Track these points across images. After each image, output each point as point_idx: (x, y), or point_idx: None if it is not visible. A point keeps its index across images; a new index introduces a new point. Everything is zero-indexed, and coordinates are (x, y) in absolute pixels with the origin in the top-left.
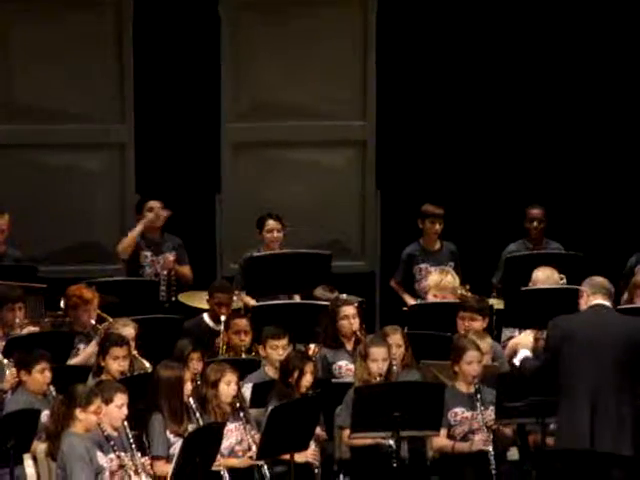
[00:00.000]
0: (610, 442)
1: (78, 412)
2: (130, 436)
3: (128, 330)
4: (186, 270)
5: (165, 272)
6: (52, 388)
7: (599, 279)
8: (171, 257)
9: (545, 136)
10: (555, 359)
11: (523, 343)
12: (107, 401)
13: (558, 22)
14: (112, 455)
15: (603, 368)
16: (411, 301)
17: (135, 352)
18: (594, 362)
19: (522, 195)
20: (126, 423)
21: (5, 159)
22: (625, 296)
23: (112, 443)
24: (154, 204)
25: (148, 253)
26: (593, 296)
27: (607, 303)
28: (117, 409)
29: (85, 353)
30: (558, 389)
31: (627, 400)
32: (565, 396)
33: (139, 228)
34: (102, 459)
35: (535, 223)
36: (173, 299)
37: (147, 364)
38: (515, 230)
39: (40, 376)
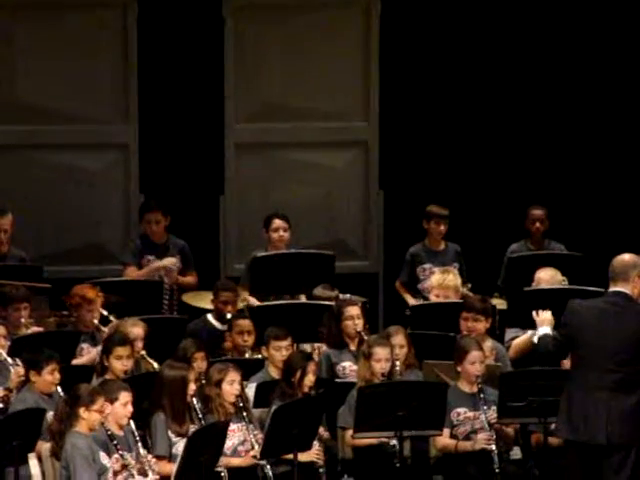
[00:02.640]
0: (622, 434)
1: (82, 411)
2: (136, 434)
3: (137, 330)
4: (191, 278)
5: (167, 286)
6: (59, 389)
7: (616, 261)
8: (174, 260)
9: (547, 136)
10: (569, 343)
11: (546, 320)
12: (112, 400)
13: (558, 26)
14: (116, 455)
15: (616, 359)
16: (412, 301)
17: (143, 352)
18: (606, 354)
19: (525, 195)
20: (132, 421)
21: (9, 159)
22: None
23: (115, 442)
24: (152, 217)
25: (151, 257)
26: (613, 283)
27: (624, 290)
28: (122, 407)
29: (92, 354)
30: (569, 375)
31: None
32: (576, 384)
33: (149, 270)
34: (105, 459)
35: (537, 224)
36: (175, 310)
37: (155, 364)
38: (519, 230)
39: (50, 377)
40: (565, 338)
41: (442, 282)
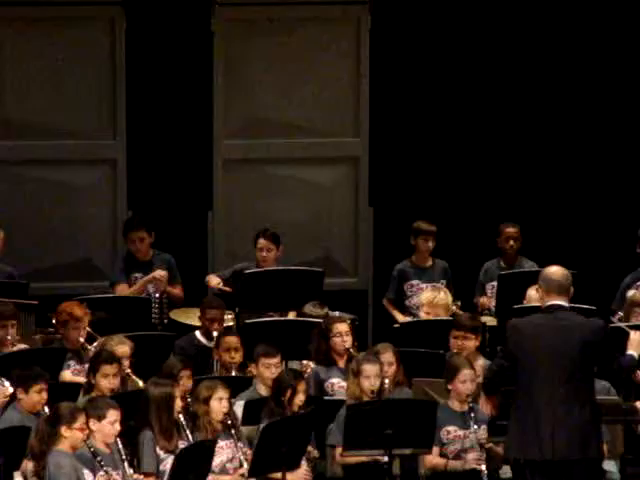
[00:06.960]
0: (571, 448)
1: (63, 430)
2: (122, 452)
3: (123, 348)
4: (177, 290)
5: (157, 295)
6: (46, 408)
7: (553, 274)
8: (163, 273)
9: (524, 153)
10: (512, 364)
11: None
12: (100, 417)
13: (539, 52)
14: (101, 472)
15: (560, 374)
16: (401, 318)
17: (129, 370)
18: (551, 369)
19: (511, 212)
20: (119, 439)
21: None
22: (618, 315)
23: (99, 459)
24: (136, 235)
25: (138, 274)
26: (547, 296)
27: (562, 302)
28: (110, 425)
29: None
30: (515, 394)
31: (587, 404)
32: (523, 402)
33: (140, 285)
34: (89, 477)
35: (510, 241)
36: (165, 321)
37: (140, 383)
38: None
39: (37, 396)
40: (507, 358)
41: (433, 300)
